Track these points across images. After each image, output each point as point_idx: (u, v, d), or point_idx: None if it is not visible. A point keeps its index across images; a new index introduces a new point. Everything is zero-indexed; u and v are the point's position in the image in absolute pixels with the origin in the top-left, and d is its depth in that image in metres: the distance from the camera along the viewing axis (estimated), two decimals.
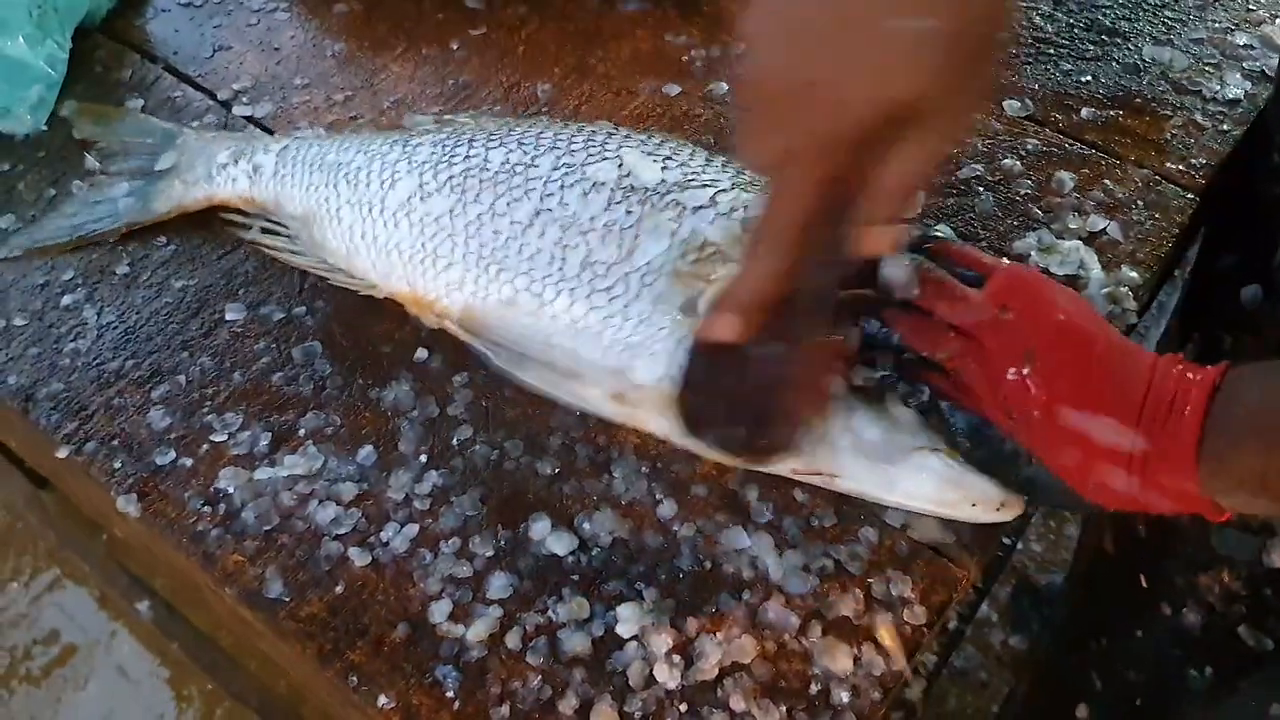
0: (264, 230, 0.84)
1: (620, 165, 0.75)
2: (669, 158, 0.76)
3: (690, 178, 0.75)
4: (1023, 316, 0.62)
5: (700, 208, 0.73)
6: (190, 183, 0.86)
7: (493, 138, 0.80)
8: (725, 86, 0.95)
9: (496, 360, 0.74)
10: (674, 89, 0.95)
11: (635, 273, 0.72)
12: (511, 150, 0.78)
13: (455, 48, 1.00)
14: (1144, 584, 0.80)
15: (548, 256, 0.74)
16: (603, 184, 0.75)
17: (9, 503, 1.83)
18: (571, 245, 0.73)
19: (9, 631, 1.75)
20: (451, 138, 0.81)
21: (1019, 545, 1.73)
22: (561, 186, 0.75)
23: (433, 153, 0.79)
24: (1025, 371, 0.61)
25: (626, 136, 0.79)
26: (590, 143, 0.78)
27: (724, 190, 0.74)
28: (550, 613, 0.66)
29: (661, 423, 0.71)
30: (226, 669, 1.48)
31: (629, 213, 0.73)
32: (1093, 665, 0.85)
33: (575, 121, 0.87)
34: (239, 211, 0.86)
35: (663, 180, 0.74)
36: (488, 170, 0.77)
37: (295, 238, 0.83)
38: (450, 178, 0.77)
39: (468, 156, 0.78)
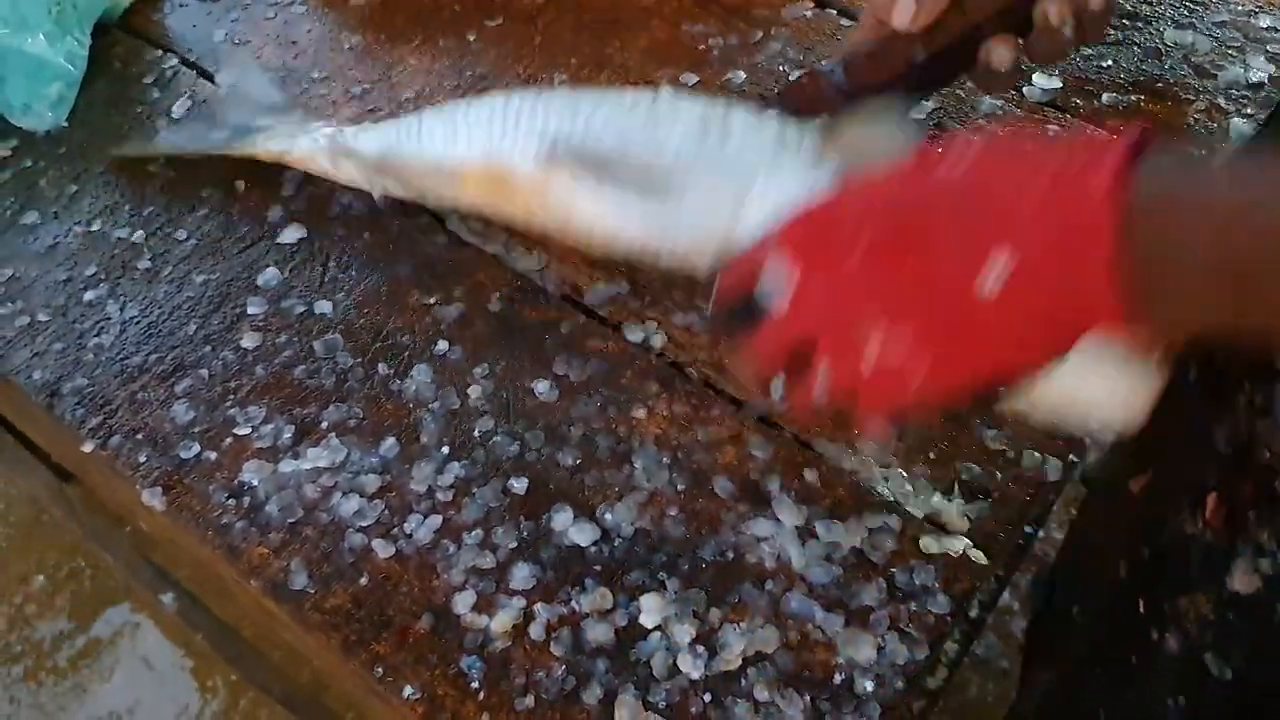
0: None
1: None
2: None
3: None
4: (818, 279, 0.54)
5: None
6: (274, 138, 0.88)
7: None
8: (743, 75, 0.95)
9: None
10: (691, 78, 0.95)
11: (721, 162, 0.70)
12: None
13: (471, 39, 1.00)
14: (1141, 609, 0.79)
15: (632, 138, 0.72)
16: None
17: (34, 497, 1.85)
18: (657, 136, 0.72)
19: (35, 624, 1.77)
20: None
21: (1040, 533, 1.73)
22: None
23: (521, 100, 0.78)
24: (879, 338, 0.52)
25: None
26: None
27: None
28: (573, 603, 0.66)
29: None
30: (250, 659, 1.49)
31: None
32: (1100, 698, 0.84)
33: None
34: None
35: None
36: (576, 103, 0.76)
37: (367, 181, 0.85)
38: (538, 104, 0.77)
39: (556, 101, 0.77)
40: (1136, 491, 0.68)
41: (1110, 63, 0.94)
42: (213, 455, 0.74)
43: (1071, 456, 0.74)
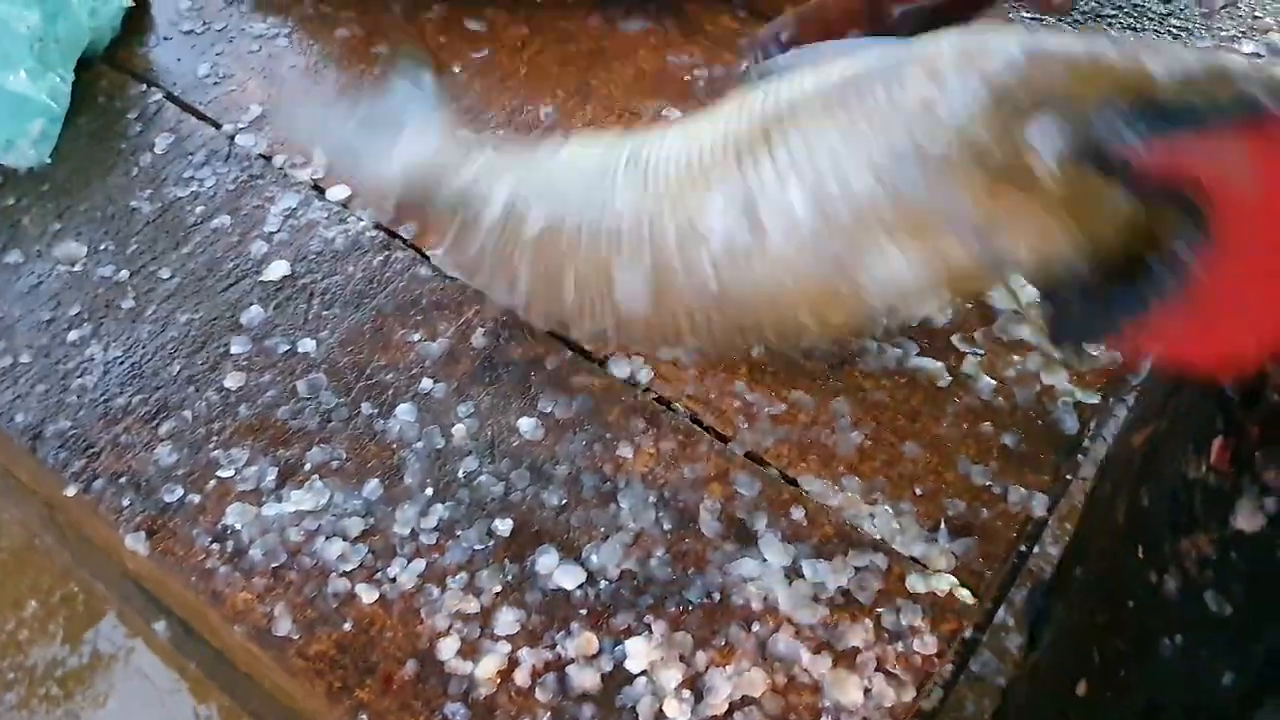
0: None
1: None
2: None
3: None
4: None
5: None
6: None
7: None
8: None
9: None
10: (677, 111, 0.95)
11: None
12: None
13: (457, 71, 1.00)
14: (1140, 554, 0.80)
15: None
16: None
17: (25, 521, 1.84)
18: None
19: (27, 650, 1.76)
20: None
21: (1035, 549, 1.72)
22: None
23: None
24: None
25: None
26: None
27: None
28: (559, 648, 0.66)
29: None
30: (243, 687, 1.48)
31: None
32: (1094, 640, 0.85)
33: None
34: None
35: None
36: None
37: None
38: None
39: None
40: (1139, 445, 0.69)
41: None
42: (196, 498, 0.73)
43: (1067, 475, 0.74)
